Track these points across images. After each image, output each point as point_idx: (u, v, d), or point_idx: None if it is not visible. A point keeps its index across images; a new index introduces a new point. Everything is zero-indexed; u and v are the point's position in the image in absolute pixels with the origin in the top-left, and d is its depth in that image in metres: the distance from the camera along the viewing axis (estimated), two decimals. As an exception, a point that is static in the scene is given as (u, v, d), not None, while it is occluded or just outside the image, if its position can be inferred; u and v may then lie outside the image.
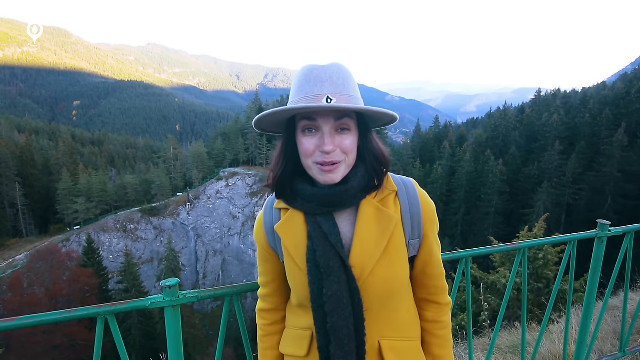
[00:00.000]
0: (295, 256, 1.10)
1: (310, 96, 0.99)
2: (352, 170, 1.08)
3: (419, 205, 1.13)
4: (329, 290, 1.03)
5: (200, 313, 44.14)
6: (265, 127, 1.11)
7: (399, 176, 1.19)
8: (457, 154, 49.08)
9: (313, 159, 1.03)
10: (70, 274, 31.61)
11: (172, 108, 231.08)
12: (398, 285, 1.09)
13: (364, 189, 1.09)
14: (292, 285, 1.14)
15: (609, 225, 2.24)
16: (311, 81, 1.01)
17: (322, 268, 1.03)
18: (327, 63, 1.05)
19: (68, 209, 48.02)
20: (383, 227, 1.07)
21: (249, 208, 53.06)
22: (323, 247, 1.04)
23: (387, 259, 1.06)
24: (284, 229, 1.13)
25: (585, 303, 2.39)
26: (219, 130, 78.45)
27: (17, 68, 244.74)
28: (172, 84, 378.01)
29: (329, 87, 0.99)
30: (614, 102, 41.83)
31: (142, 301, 1.38)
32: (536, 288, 7.33)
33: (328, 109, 0.97)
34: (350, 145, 1.03)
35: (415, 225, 1.12)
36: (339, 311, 1.03)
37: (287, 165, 1.10)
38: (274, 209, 1.18)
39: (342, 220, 1.10)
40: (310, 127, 1.02)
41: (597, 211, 34.70)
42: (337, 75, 1.02)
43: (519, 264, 2.06)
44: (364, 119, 1.08)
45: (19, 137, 64.65)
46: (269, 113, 1.00)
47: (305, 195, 1.08)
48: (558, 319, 4.16)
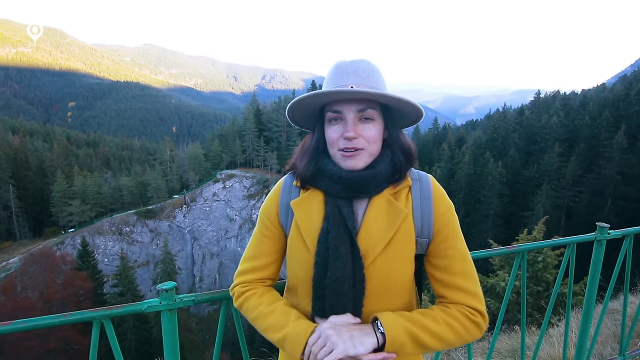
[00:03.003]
0: (306, 235, 1.10)
1: (336, 87, 1.05)
2: (378, 157, 1.10)
3: (431, 202, 1.11)
4: (333, 275, 1.04)
5: (196, 317, 43.83)
6: (299, 120, 1.19)
7: (417, 171, 1.18)
8: (456, 156, 48.94)
9: (338, 146, 1.08)
10: (65, 277, 31.20)
11: (168, 109, 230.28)
12: (399, 279, 1.08)
13: (389, 178, 1.10)
14: (293, 265, 1.14)
15: (608, 228, 2.25)
16: (338, 74, 1.08)
17: (331, 251, 1.05)
18: (354, 59, 1.11)
19: (62, 211, 47.75)
20: (391, 219, 1.08)
21: (246, 210, 52.80)
22: (337, 231, 1.06)
23: (390, 252, 1.06)
24: (300, 205, 1.14)
25: (584, 306, 2.40)
26: (216, 132, 78.34)
27: (11, 68, 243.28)
28: (168, 85, 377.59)
29: (354, 79, 1.06)
30: (614, 104, 41.82)
31: (138, 305, 1.37)
32: (535, 291, 7.40)
33: (346, 93, 1.02)
34: (374, 135, 1.07)
35: (425, 222, 1.10)
36: (339, 296, 1.04)
37: (317, 152, 1.15)
38: (294, 186, 1.19)
39: (356, 208, 1.11)
40: (335, 118, 1.08)
41: (597, 214, 34.58)
42: (363, 68, 1.08)
43: (518, 267, 2.04)
44: (390, 113, 1.12)
45: (13, 139, 64.23)
46: (298, 100, 1.08)
47: (333, 177, 1.09)
48: (558, 322, 4.15)
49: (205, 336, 41.45)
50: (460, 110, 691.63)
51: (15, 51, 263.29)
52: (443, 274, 1.10)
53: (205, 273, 52.34)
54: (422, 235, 1.10)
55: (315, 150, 1.15)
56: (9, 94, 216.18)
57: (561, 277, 2.23)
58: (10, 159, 49.80)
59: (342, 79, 1.07)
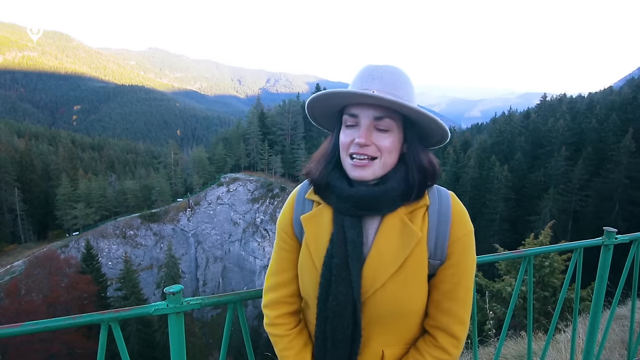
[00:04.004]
0: (314, 253, 1.09)
1: (358, 90, 0.99)
2: (390, 172, 1.05)
3: (449, 223, 1.05)
4: (335, 300, 1.03)
5: (199, 321, 43.70)
6: (318, 118, 1.15)
7: (438, 187, 1.12)
8: (461, 160, 48.52)
9: (348, 151, 1.04)
10: (69, 280, 31.31)
11: (173, 113, 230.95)
12: (411, 305, 1.04)
13: (402, 195, 1.05)
14: (303, 278, 1.13)
15: (615, 233, 2.23)
16: (363, 77, 1.03)
17: (334, 276, 1.03)
18: (383, 64, 1.06)
19: (67, 214, 47.93)
20: (404, 242, 1.03)
21: (250, 214, 52.75)
22: (341, 256, 1.03)
23: (402, 277, 1.02)
24: (310, 222, 1.11)
25: (592, 312, 2.37)
26: (220, 135, 78.53)
27: (17, 72, 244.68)
28: (173, 88, 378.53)
29: (377, 84, 1.01)
30: (621, 108, 41.28)
31: (146, 308, 1.36)
32: (542, 296, 7.26)
33: (362, 97, 0.98)
34: (388, 145, 1.02)
35: (439, 245, 1.05)
36: (340, 319, 1.03)
37: (329, 159, 1.11)
38: (307, 199, 1.16)
39: (367, 228, 1.07)
40: (351, 122, 1.04)
41: (604, 218, 34.08)
42: (390, 75, 1.02)
43: (525, 271, 2.02)
44: (413, 128, 1.06)
45: (18, 142, 64.68)
46: (315, 97, 1.05)
47: (342, 195, 1.05)
48: (565, 328, 4.12)
49: (209, 340, 41.51)
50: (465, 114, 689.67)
51: (22, 55, 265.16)
52: (443, 297, 1.06)
53: (208, 277, 52.32)
54: (435, 258, 1.05)
55: (331, 155, 1.11)
56: (15, 98, 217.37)
57: (568, 282, 2.21)
58: (15, 162, 50.03)
59: (365, 83, 1.02)
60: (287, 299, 1.18)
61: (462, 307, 1.06)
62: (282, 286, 1.17)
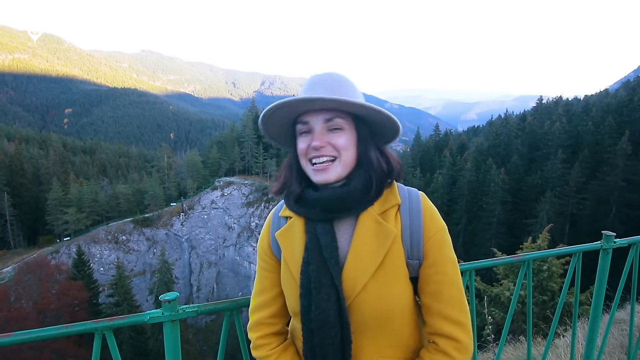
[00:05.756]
0: (292, 266, 1.09)
1: (303, 96, 1.03)
2: (353, 172, 1.07)
3: (420, 222, 1.06)
4: (317, 308, 1.01)
5: (193, 328, 43.03)
6: (276, 136, 1.16)
7: (408, 188, 1.14)
8: (457, 163, 48.47)
9: (307, 156, 1.06)
10: (59, 287, 30.89)
11: (166, 116, 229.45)
12: (395, 304, 1.03)
13: (367, 195, 1.06)
14: (287, 297, 1.14)
15: (614, 237, 2.22)
16: (307, 87, 1.06)
17: (312, 283, 1.03)
18: (324, 72, 1.10)
19: (58, 219, 47.27)
20: (380, 241, 1.03)
21: (244, 218, 52.18)
22: (317, 262, 1.04)
23: (382, 276, 1.02)
24: (283, 236, 1.13)
25: (591, 316, 2.38)
26: (214, 139, 77.89)
27: (7, 75, 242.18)
28: (166, 91, 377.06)
29: (320, 89, 1.04)
30: (617, 110, 41.61)
31: (141, 316, 1.35)
32: (541, 301, 7.30)
33: (305, 101, 1.00)
34: (343, 143, 1.04)
35: (414, 244, 1.06)
36: (325, 330, 1.02)
37: (292, 172, 1.13)
38: (281, 217, 1.18)
39: (342, 233, 1.08)
40: (305, 130, 1.06)
41: (601, 221, 34.15)
42: (331, 79, 1.06)
43: (523, 276, 2.01)
44: (364, 125, 1.08)
45: (8, 146, 63.99)
46: (265, 113, 1.05)
47: (309, 200, 1.08)
48: (564, 332, 4.12)
49: (203, 347, 40.96)
50: (461, 116, 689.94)
51: (12, 57, 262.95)
52: (430, 299, 1.06)
53: (202, 282, 51.66)
54: (412, 257, 1.06)
55: (293, 167, 1.12)
56: (5, 101, 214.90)
57: (567, 286, 2.20)
58: (5, 167, 49.48)
59: (310, 91, 1.04)
60: (268, 319, 1.17)
61: (451, 306, 1.03)
62: (264, 307, 1.17)
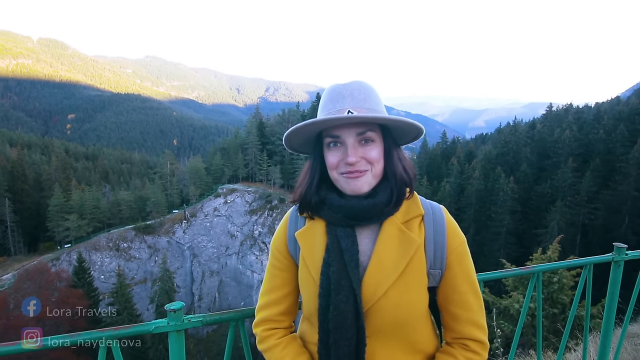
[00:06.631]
0: (311, 266, 1.12)
1: (333, 112, 1.06)
2: (380, 184, 1.10)
3: (445, 233, 1.11)
4: (335, 309, 1.03)
5: (194, 338, 42.45)
6: (296, 146, 1.18)
7: (429, 201, 1.19)
8: (465, 171, 47.65)
9: (338, 170, 1.08)
10: (60, 294, 30.59)
11: (169, 122, 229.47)
12: (413, 311, 1.07)
13: (389, 205, 1.09)
14: (304, 295, 1.16)
15: (625, 249, 2.19)
16: (333, 98, 1.08)
17: (332, 284, 1.05)
18: (348, 81, 1.12)
19: (59, 226, 46.99)
20: (404, 249, 1.07)
21: (247, 226, 51.57)
22: (337, 264, 1.06)
23: (403, 283, 1.05)
24: (303, 236, 1.15)
25: (603, 330, 2.33)
26: (218, 145, 77.69)
27: (11, 80, 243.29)
28: (170, 97, 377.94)
29: (350, 102, 1.05)
30: (629, 118, 40.91)
31: (146, 325, 1.36)
32: (551, 314, 7.22)
33: (345, 120, 1.02)
34: (375, 156, 1.07)
35: (438, 254, 1.10)
36: (342, 330, 1.03)
37: (315, 180, 1.14)
38: (300, 217, 1.21)
39: (363, 237, 1.11)
40: (334, 142, 1.08)
41: (613, 232, 33.40)
42: (358, 90, 1.08)
43: (533, 288, 1.99)
44: (390, 133, 1.11)
45: (10, 151, 63.99)
46: (294, 129, 1.07)
47: (333, 206, 1.10)
48: (575, 346, 4.07)
49: (204, 358, 40.54)
50: (469, 124, 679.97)
51: (16, 62, 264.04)
52: (459, 308, 1.10)
53: (204, 291, 51.09)
54: (435, 267, 1.09)
55: (316, 176, 1.13)
56: (8, 106, 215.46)
57: (578, 299, 2.14)
58: (6, 172, 49.49)
59: (338, 103, 1.06)
60: (277, 317, 1.18)
61: (478, 314, 1.11)
62: (273, 305, 1.17)
